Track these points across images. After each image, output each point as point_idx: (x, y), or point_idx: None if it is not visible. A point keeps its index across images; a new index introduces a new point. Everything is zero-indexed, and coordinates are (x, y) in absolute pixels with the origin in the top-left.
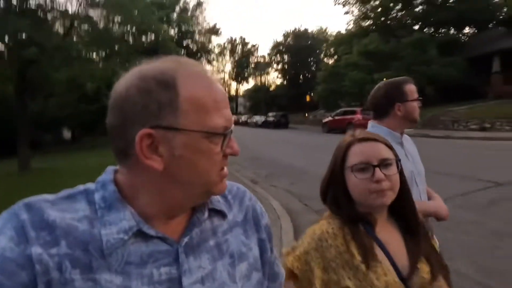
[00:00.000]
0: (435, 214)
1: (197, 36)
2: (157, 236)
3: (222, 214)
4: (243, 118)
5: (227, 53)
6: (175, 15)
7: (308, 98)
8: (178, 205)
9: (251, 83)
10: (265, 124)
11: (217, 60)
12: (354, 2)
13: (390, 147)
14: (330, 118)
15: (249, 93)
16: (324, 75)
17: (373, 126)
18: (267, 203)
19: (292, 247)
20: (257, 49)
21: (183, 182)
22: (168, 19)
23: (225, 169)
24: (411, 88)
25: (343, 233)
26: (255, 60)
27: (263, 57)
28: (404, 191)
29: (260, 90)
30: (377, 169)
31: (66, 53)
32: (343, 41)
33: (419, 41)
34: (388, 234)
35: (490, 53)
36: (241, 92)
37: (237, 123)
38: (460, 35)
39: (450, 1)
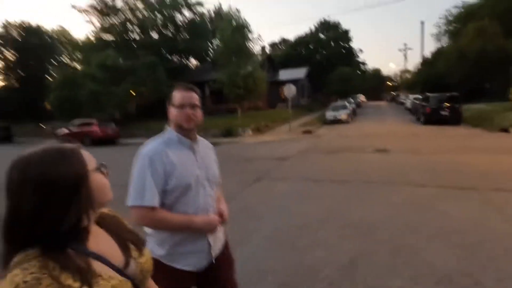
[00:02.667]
0: (201, 229)
1: None
2: None
3: None
4: None
5: None
6: None
7: (48, 106)
8: None
9: None
10: None
11: None
12: (93, 12)
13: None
14: (66, 131)
15: None
16: (59, 82)
17: (166, 129)
18: None
19: None
20: None
21: None
22: None
23: None
24: (177, 94)
25: (48, 271)
26: None
27: None
28: None
29: None
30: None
31: None
32: (86, 48)
33: (151, 63)
34: (100, 238)
35: (204, 80)
36: None
37: None
38: (188, 64)
39: (181, 36)
